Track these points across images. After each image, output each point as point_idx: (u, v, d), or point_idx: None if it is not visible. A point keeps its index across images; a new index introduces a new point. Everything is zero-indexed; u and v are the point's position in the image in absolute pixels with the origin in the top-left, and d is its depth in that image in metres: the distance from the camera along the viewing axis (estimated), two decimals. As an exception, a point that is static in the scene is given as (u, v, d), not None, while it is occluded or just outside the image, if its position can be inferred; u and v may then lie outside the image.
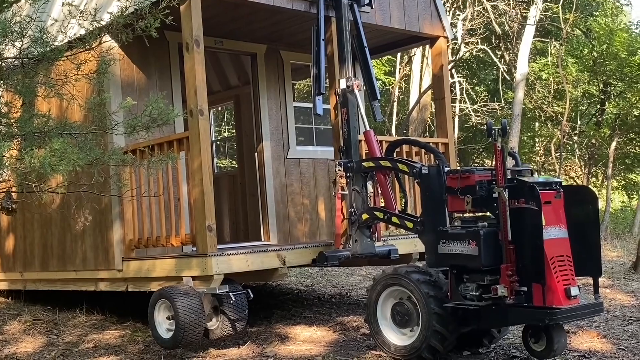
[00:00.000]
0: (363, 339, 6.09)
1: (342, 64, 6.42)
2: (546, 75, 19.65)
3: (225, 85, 9.70)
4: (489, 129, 4.77)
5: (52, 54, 3.93)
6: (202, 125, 5.68)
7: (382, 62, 20.17)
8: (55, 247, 7.29)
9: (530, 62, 18.70)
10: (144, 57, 6.92)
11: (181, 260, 5.91)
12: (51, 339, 6.56)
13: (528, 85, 18.83)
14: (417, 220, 5.61)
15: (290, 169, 8.22)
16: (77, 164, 3.48)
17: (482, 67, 22.73)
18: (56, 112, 6.57)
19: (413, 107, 18.07)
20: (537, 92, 19.92)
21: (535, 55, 20.80)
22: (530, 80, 19.45)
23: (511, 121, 15.78)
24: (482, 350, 5.44)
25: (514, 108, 16.29)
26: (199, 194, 5.70)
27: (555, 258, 4.60)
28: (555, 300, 4.54)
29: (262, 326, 6.67)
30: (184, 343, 5.51)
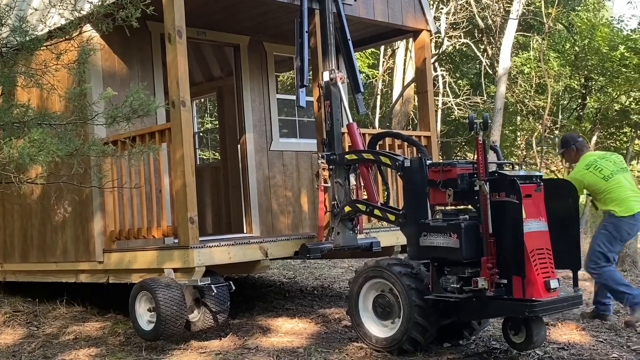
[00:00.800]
0: (345, 331, 6.11)
1: (325, 56, 6.41)
2: (528, 70, 19.77)
3: (208, 76, 9.65)
4: (471, 122, 4.79)
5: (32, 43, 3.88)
6: (184, 117, 5.65)
7: (365, 55, 20.18)
8: (36, 239, 7.24)
9: (513, 57, 18.78)
10: (125, 47, 6.87)
11: (163, 252, 5.89)
12: (31, 331, 6.51)
13: (510, 79, 18.93)
14: (399, 212, 5.63)
15: (273, 161, 8.21)
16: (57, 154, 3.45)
17: (465, 60, 22.81)
18: (36, 103, 6.50)
19: (396, 100, 18.10)
20: (519, 86, 20.04)
21: (518, 50, 20.91)
22: (513, 75, 19.55)
23: (493, 115, 15.86)
24: (463, 342, 5.48)
25: (496, 102, 16.37)
26: (180, 185, 5.68)
27: (535, 251, 4.64)
28: (535, 293, 4.58)
29: (244, 318, 6.67)
30: (165, 335, 5.50)
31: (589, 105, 21.15)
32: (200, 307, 5.78)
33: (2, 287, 7.98)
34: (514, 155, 22.39)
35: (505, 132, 21.25)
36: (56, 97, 5.50)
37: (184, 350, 5.56)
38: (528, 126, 21.42)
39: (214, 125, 17.36)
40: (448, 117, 21.26)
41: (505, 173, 4.86)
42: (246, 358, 5.24)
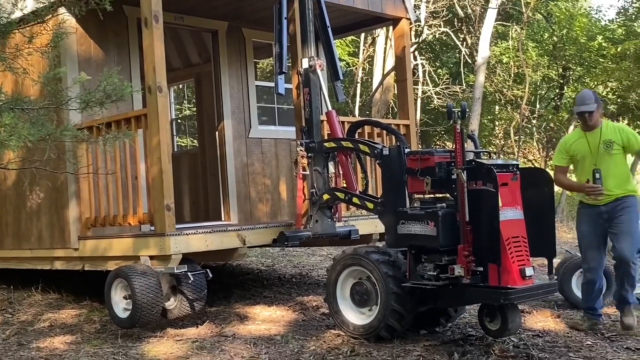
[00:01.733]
0: (322, 318, 6.12)
1: (304, 43, 6.37)
2: (507, 59, 19.84)
3: (186, 62, 9.57)
4: (449, 111, 4.80)
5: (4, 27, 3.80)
6: (160, 103, 5.59)
7: (345, 43, 20.12)
8: (10, 225, 7.14)
9: (492, 46, 18.84)
10: (102, 32, 6.77)
11: (139, 239, 5.84)
12: (6, 318, 6.45)
13: (489, 68, 18.99)
14: (378, 201, 5.63)
15: (252, 149, 8.17)
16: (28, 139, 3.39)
17: (445, 49, 22.84)
18: (11, 87, 6.38)
19: (376, 89, 18.09)
20: (498, 76, 20.12)
21: (497, 39, 20.98)
22: (491, 64, 19.62)
23: (472, 104, 15.92)
24: (439, 329, 5.52)
25: (475, 91, 16.42)
26: (157, 172, 5.62)
27: (510, 239, 4.67)
28: (510, 281, 4.61)
29: (221, 306, 6.65)
30: (141, 322, 5.47)
31: (567, 95, 21.31)
32: (176, 294, 5.76)
33: (-24, 274, 7.88)
34: (492, 145, 22.52)
35: (483, 122, 21.35)
36: (30, 82, 5.41)
37: (160, 338, 5.53)
38: (506, 115, 21.53)
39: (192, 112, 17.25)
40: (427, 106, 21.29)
41: (482, 162, 4.87)
42: (223, 346, 5.22)
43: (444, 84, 19.10)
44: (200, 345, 5.23)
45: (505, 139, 22.06)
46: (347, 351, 4.94)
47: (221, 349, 5.14)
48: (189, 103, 19.23)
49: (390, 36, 17.08)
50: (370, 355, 4.84)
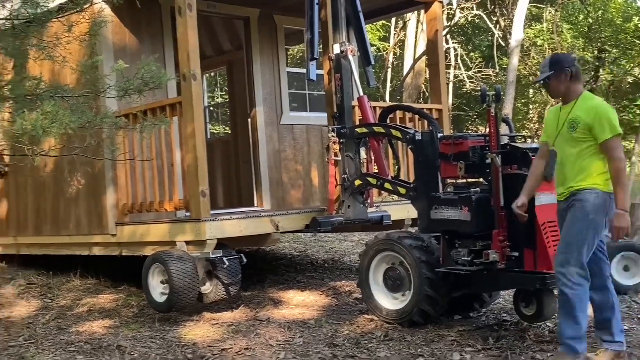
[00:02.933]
0: (355, 303, 6.15)
1: (335, 28, 6.37)
2: (541, 42, 19.56)
3: (218, 50, 9.62)
4: (483, 94, 4.76)
5: (43, 15, 3.88)
6: (195, 90, 5.65)
7: (376, 28, 20.01)
8: (49, 212, 7.29)
9: (526, 28, 18.58)
10: (136, 21, 6.84)
11: (175, 225, 5.92)
12: (45, 303, 6.59)
13: (523, 51, 18.73)
14: (410, 186, 5.63)
15: (284, 135, 8.20)
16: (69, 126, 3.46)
17: (477, 33, 22.58)
18: (48, 76, 6.48)
19: (407, 73, 17.98)
20: (532, 59, 19.84)
21: (531, 21, 20.67)
22: (525, 47, 19.36)
23: (505, 88, 15.73)
24: (473, 314, 5.51)
25: (509, 74, 16.22)
26: (192, 159, 5.69)
27: (546, 223, 4.63)
28: (546, 266, 4.58)
29: (256, 290, 6.73)
30: (177, 307, 5.56)
31: (602, 77, 20.93)
32: (212, 279, 5.83)
33: (15, 260, 8.07)
34: (526, 129, 22.26)
35: (517, 105, 21.11)
36: (68, 70, 5.50)
37: (197, 321, 5.62)
38: (540, 99, 21.26)
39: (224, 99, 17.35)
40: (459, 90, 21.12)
41: (517, 145, 4.84)
42: (258, 329, 5.29)
43: (476, 67, 18.91)
44: (236, 329, 5.31)
45: (539, 122, 21.78)
46: (381, 336, 4.97)
47: (256, 332, 5.21)
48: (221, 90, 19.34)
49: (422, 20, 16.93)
50: (404, 340, 4.86)
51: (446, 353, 4.52)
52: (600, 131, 4.05)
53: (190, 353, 4.76)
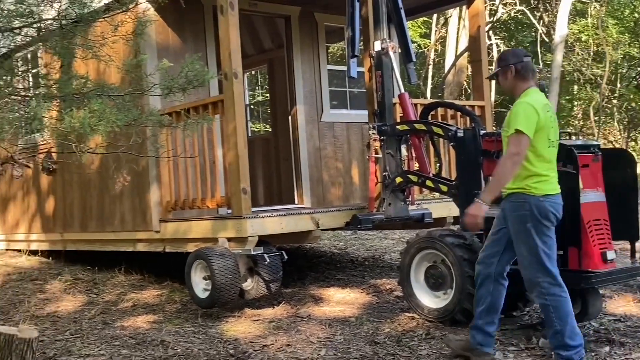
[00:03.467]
0: (396, 301, 6.13)
1: (376, 25, 6.35)
2: (586, 37, 19.20)
3: (259, 48, 9.68)
4: (527, 91, 4.68)
5: (90, 15, 3.97)
6: (236, 89, 5.70)
7: (417, 24, 19.90)
8: (94, 209, 7.44)
9: (570, 24, 18.25)
10: (178, 20, 6.94)
11: (217, 222, 5.99)
12: (91, 298, 6.73)
13: (567, 47, 18.42)
14: (452, 183, 5.59)
15: (324, 133, 8.22)
16: (116, 124, 3.53)
17: (520, 28, 22.27)
18: (93, 75, 6.63)
19: (449, 70, 17.85)
20: (577, 55, 19.50)
21: (575, 17, 20.30)
22: (570, 42, 19.03)
23: (549, 84, 15.49)
24: (517, 313, 5.44)
25: (553, 71, 15.97)
26: (233, 157, 5.74)
27: (592, 222, 4.56)
28: (591, 264, 4.51)
29: (296, 288, 6.75)
30: (220, 302, 5.62)
31: (650, 73, 20.46)
32: (253, 276, 5.88)
33: (62, 255, 8.25)
34: (570, 125, 21.89)
35: (561, 102, 20.76)
36: (112, 70, 5.61)
37: (238, 317, 5.67)
38: (585, 95, 20.87)
39: (265, 97, 17.45)
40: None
41: (562, 142, 4.76)
42: (299, 326, 5.32)
43: (519, 64, 18.63)
44: (277, 326, 5.34)
45: (584, 119, 21.41)
46: (423, 334, 4.94)
47: (297, 329, 5.23)
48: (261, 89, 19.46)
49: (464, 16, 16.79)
50: (446, 338, 4.83)
51: (488, 352, 4.47)
52: (507, 126, 4.10)
53: (232, 349, 4.80)
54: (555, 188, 4.18)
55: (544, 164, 4.12)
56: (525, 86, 4.23)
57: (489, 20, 17.13)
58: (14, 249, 8.97)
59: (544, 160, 4.11)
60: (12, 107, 3.67)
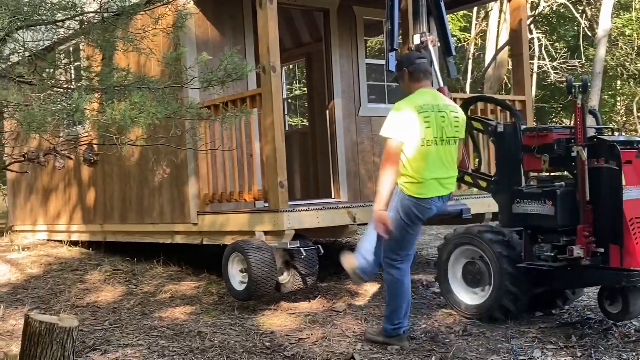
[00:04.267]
0: (433, 297, 6.09)
1: (416, 19, 6.29)
2: (630, 31, 18.77)
3: (297, 42, 9.68)
4: (569, 85, 4.61)
5: (131, 8, 4.01)
6: (274, 82, 5.71)
7: (457, 18, 19.69)
8: (134, 201, 7.53)
9: (613, 17, 17.86)
10: (218, 14, 6.97)
11: (254, 215, 6.01)
12: (130, 289, 6.82)
13: (610, 41, 18.04)
14: (491, 179, 5.52)
15: (361, 127, 8.19)
16: (156, 117, 3.57)
17: (562, 22, 21.88)
18: (134, 68, 6.70)
19: (489, 64, 17.63)
20: (620, 49, 19.09)
21: (619, 10, 19.86)
22: (613, 37, 18.63)
23: (592, 79, 15.19)
24: (556, 311, 5.36)
25: (595, 65, 15.66)
26: (271, 150, 5.76)
27: (634, 219, 4.46)
28: (634, 262, 4.42)
29: (332, 282, 6.75)
30: (256, 295, 5.64)
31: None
32: (289, 269, 5.89)
33: (102, 246, 8.39)
34: (612, 121, 21.46)
35: (604, 97, 20.36)
36: (152, 63, 5.67)
37: (274, 310, 5.69)
38: (628, 91, 20.42)
39: (302, 91, 17.48)
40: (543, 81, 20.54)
41: (604, 138, 4.67)
42: (334, 320, 5.31)
43: (561, 58, 18.35)
44: (313, 319, 5.35)
45: (627, 115, 20.95)
46: (459, 330, 4.90)
47: (333, 323, 5.23)
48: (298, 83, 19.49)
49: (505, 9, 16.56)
50: (484, 335, 4.78)
51: (527, 349, 4.41)
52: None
53: (268, 341, 4.82)
54: (425, 192, 4.40)
55: (419, 163, 4.31)
56: (417, 87, 4.54)
57: (530, 14, 16.87)
58: (55, 240, 9.15)
59: (419, 160, 4.31)
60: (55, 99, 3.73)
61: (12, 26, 3.37)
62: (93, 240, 8.45)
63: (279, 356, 4.50)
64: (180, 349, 4.72)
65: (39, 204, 9.39)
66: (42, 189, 9.29)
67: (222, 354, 4.56)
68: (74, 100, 3.41)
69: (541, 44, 18.77)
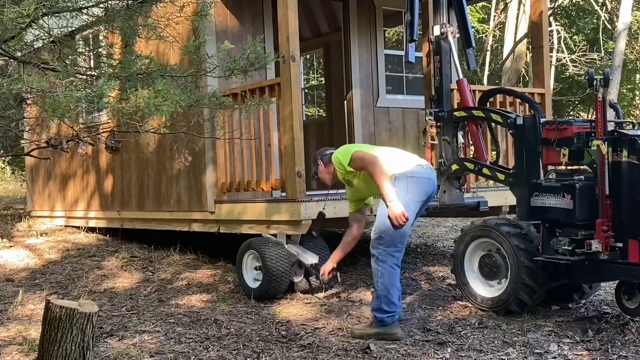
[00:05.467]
0: (449, 289, 6.09)
1: (436, 9, 6.25)
2: (651, 25, 18.56)
3: (316, 32, 9.66)
4: (590, 78, 4.58)
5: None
6: (293, 72, 5.71)
7: (475, 9, 19.56)
8: (151, 188, 7.58)
9: (634, 11, 17.66)
10: (237, 3, 6.98)
11: (271, 204, 6.03)
12: (147, 276, 6.87)
13: (630, 35, 17.86)
14: (509, 172, 5.50)
15: (379, 118, 8.17)
16: (180, 105, 3.59)
17: (582, 15, 21.65)
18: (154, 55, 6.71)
19: (507, 56, 17.51)
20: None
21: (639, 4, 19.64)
22: (633, 30, 18.43)
23: (611, 72, 15.05)
24: (572, 305, 5.35)
25: (615, 59, 15.51)
26: (289, 140, 5.76)
27: (654, 214, 4.42)
28: (653, 258, 4.38)
29: (348, 272, 6.76)
30: (269, 294, 5.67)
31: None
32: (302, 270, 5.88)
33: (119, 233, 8.45)
34: (631, 115, 21.26)
35: (623, 91, 20.16)
36: (171, 51, 5.68)
37: (290, 300, 5.72)
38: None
39: (319, 81, 17.44)
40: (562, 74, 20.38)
41: (625, 132, 4.63)
42: (350, 310, 5.33)
43: (580, 51, 18.18)
44: (329, 309, 5.37)
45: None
46: (475, 323, 4.90)
47: (348, 313, 5.25)
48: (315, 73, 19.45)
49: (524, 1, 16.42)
50: (500, 328, 4.78)
51: (543, 343, 4.41)
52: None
53: (284, 330, 4.85)
54: None
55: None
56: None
57: (550, 6, 16.70)
58: (73, 226, 9.23)
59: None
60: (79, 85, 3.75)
61: (38, 13, 3.39)
62: (110, 227, 8.51)
63: (295, 345, 4.52)
64: (197, 336, 4.76)
65: (57, 190, 9.47)
66: (61, 175, 9.37)
67: (238, 342, 4.59)
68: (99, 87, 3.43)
69: (560, 36, 18.60)
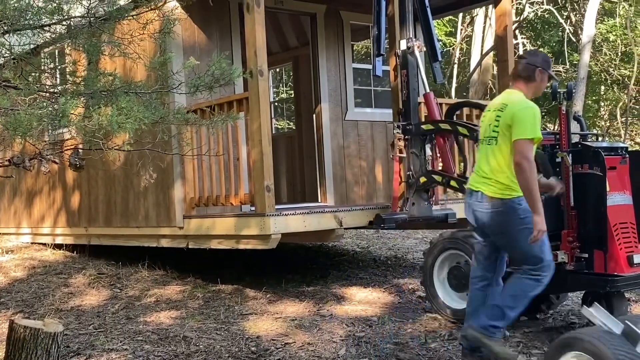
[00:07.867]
0: (418, 301, 6.11)
1: (403, 24, 6.32)
2: (614, 37, 18.94)
3: (284, 46, 9.69)
4: (554, 92, 4.66)
5: (118, 13, 4.00)
6: (261, 86, 5.71)
7: (443, 23, 19.78)
8: (119, 204, 7.50)
9: (598, 24, 18.02)
10: (205, 18, 6.96)
11: (240, 219, 6.00)
12: (115, 293, 6.78)
13: (594, 47, 18.19)
14: (477, 184, 5.53)
15: (348, 131, 8.20)
16: (143, 122, 3.56)
17: (547, 28, 22.02)
18: (120, 72, 6.67)
19: (474, 69, 17.73)
20: (604, 55, 19.25)
21: (603, 16, 20.04)
22: (597, 42, 18.79)
23: (576, 84, 15.31)
24: (540, 316, 5.40)
25: (579, 71, 15.78)
26: (257, 154, 5.75)
27: (618, 225, 4.51)
28: (617, 268, 4.46)
29: (318, 286, 6.76)
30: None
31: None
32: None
33: (86, 250, 8.33)
34: (596, 126, 21.63)
35: (588, 102, 20.52)
36: (139, 67, 5.65)
37: (260, 315, 5.69)
38: (612, 96, 20.60)
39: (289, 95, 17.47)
40: (527, 86, 20.62)
41: (589, 144, 4.71)
42: (320, 324, 5.32)
43: (545, 64, 18.44)
44: (299, 324, 5.35)
45: (611, 120, 21.13)
46: (445, 335, 4.93)
47: (319, 327, 5.24)
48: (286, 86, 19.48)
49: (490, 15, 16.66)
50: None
51: (512, 355, 4.44)
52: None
53: (254, 346, 4.82)
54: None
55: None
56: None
57: (515, 20, 16.98)
58: (40, 243, 9.09)
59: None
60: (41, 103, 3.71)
61: (-2, 31, 3.35)
62: (78, 244, 8.40)
63: (265, 361, 4.50)
64: (165, 354, 4.70)
65: (23, 206, 9.33)
66: (27, 191, 9.23)
67: (207, 359, 4.55)
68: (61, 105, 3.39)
69: (526, 49, 18.88)
